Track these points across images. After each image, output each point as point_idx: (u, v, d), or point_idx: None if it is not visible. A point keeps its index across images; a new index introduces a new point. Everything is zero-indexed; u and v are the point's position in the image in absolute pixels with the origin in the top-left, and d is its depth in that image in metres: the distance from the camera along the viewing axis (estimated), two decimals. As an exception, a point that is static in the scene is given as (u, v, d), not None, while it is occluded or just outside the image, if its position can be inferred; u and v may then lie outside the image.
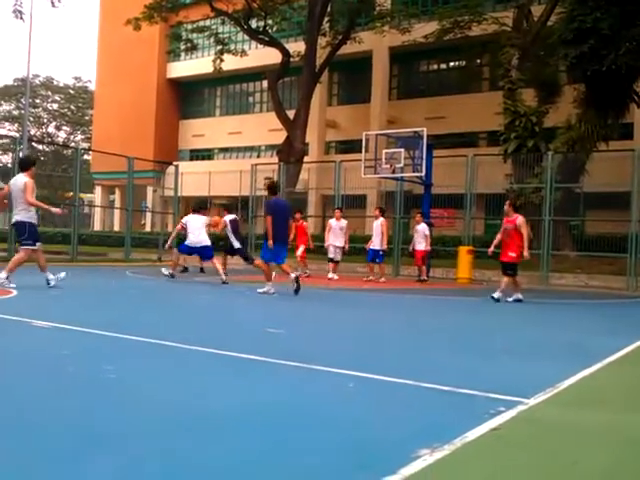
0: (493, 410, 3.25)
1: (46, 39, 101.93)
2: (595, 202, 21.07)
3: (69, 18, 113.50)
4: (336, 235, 16.53)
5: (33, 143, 56.47)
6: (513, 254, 10.88)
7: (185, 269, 15.22)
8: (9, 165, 46.99)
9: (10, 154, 37.51)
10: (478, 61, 34.25)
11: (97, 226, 46.48)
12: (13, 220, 9.71)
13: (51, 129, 69.33)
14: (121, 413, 3.00)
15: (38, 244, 9.72)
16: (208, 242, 13.50)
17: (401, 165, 17.90)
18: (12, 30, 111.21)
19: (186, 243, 13.50)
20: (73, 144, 64.82)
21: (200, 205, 14.32)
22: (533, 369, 4.65)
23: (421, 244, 16.42)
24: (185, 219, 14.02)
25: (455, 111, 32.17)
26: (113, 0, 43.88)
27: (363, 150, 18.98)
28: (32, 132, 60.70)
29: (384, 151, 18.51)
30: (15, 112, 65.12)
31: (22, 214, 9.49)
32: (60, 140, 68.25)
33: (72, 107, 68.43)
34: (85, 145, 60.57)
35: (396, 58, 35.69)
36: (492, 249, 11.29)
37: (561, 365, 4.81)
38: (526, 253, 10.80)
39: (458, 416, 3.20)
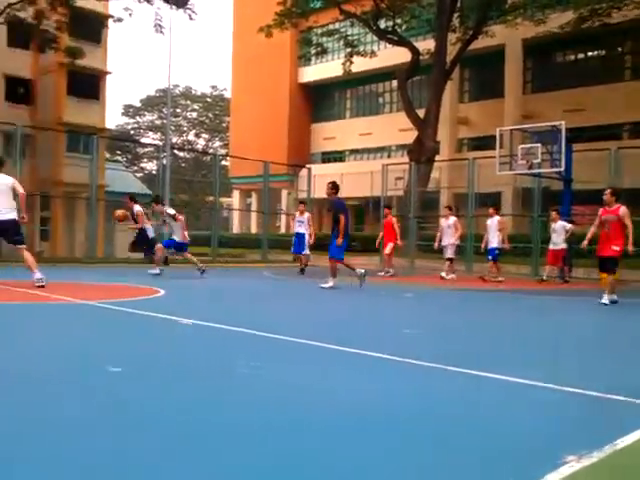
0: (645, 417, 3.10)
1: (184, 51, 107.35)
2: None
3: (205, 29, 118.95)
4: (446, 234, 16.20)
5: (175, 150, 59.56)
6: (617, 247, 9.84)
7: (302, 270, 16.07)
8: (154, 172, 49.91)
9: (155, 161, 39.72)
10: (619, 49, 32.37)
11: (235, 228, 48.35)
12: (5, 218, 9.32)
13: (191, 137, 72.98)
14: (297, 412, 3.11)
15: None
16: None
17: (538, 160, 17.29)
18: (153, 44, 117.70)
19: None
20: (212, 150, 67.95)
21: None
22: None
23: (558, 244, 15.65)
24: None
25: (595, 103, 30.58)
26: (246, 10, 45.47)
27: (497, 146, 18.51)
28: (174, 140, 64.10)
29: (520, 147, 17.96)
30: (158, 122, 69.04)
31: (14, 213, 9.46)
32: (200, 147, 71.69)
33: (210, 115, 71.65)
34: (223, 151, 63.30)
35: (530, 50, 34.47)
36: (586, 243, 10.36)
37: None
38: (631, 247, 9.77)
39: (606, 422, 3.08)
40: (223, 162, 54.35)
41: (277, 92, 45.56)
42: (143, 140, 70.51)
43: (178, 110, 68.67)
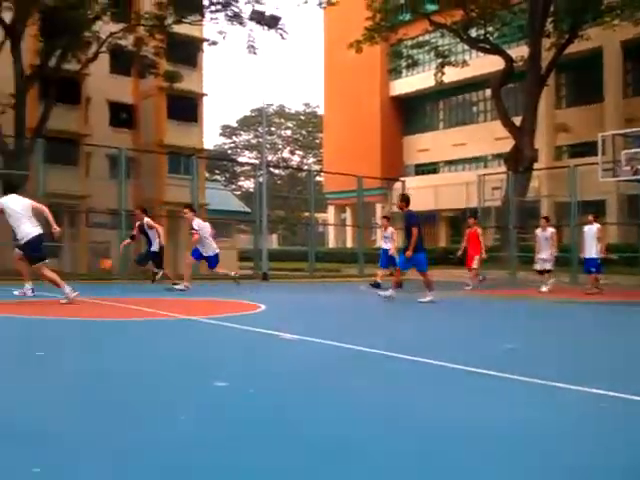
0: None
1: (278, 70, 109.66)
2: None
3: (298, 48, 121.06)
4: (543, 246, 15.52)
5: (270, 168, 60.80)
6: None
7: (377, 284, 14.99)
8: (251, 190, 51.12)
9: (251, 179, 40.67)
10: None
11: (331, 243, 48.73)
12: (36, 234, 9.46)
13: (286, 154, 74.39)
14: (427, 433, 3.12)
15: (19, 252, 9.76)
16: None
17: (644, 166, 16.56)
18: (247, 64, 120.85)
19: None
20: (306, 167, 68.97)
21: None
22: None
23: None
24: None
25: None
26: (336, 26, 45.99)
27: (600, 152, 17.86)
28: (269, 158, 65.47)
29: (623, 152, 17.25)
30: (253, 140, 70.77)
31: (38, 229, 9.56)
32: (294, 164, 72.90)
33: (303, 132, 72.84)
34: (317, 167, 64.08)
35: (630, 52, 33.10)
36: None
37: None
38: None
39: None
40: (317, 178, 55.03)
41: (368, 106, 45.75)
42: (240, 159, 72.48)
43: (273, 128, 70.14)
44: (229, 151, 73.12)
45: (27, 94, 22.88)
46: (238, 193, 62.48)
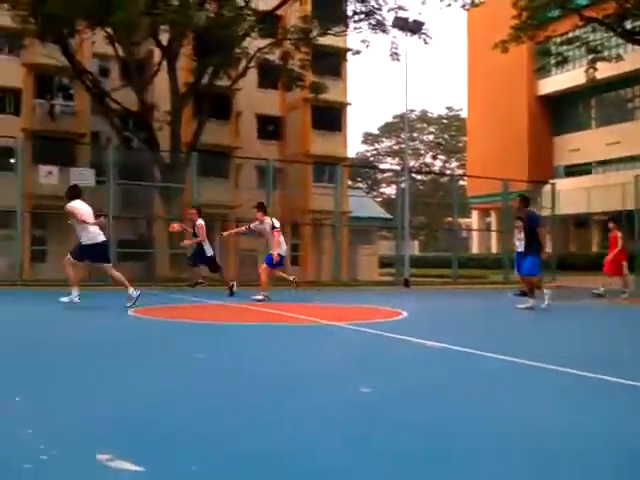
0: None
1: (419, 75, 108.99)
2: None
3: (439, 51, 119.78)
4: None
5: (412, 174, 60.54)
6: None
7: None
8: (392, 196, 51.16)
9: (393, 186, 40.71)
10: None
11: (475, 249, 47.69)
12: (103, 239, 10.15)
13: (428, 159, 73.79)
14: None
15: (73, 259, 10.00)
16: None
17: None
18: (388, 71, 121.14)
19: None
20: (448, 171, 68.03)
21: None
22: None
23: None
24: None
25: None
26: (480, 27, 45.05)
27: None
28: (411, 164, 65.26)
29: None
30: (395, 147, 70.80)
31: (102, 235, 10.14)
32: (436, 169, 72.15)
33: (446, 136, 71.96)
34: (460, 171, 63.06)
35: None
36: None
37: None
38: None
39: None
40: (460, 182, 54.10)
41: (514, 107, 44.39)
42: (382, 166, 72.76)
43: (415, 134, 69.86)
44: (371, 158, 73.63)
45: (182, 111, 24.38)
46: (379, 200, 62.74)
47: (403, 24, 23.24)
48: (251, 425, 3.08)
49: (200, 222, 13.29)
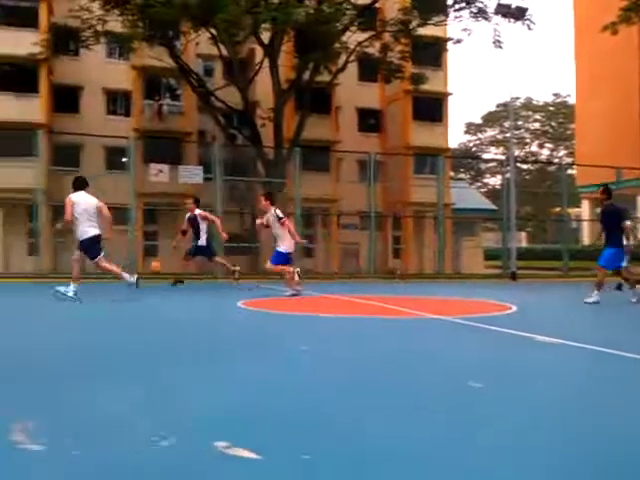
0: None
1: (523, 61, 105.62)
2: None
3: (543, 37, 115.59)
4: None
5: (518, 163, 58.79)
6: None
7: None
8: (497, 187, 49.91)
9: (498, 176, 39.72)
10: None
11: (586, 240, 45.76)
12: (95, 233, 9.75)
13: (534, 148, 71.39)
14: None
15: (78, 253, 9.83)
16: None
17: None
18: (491, 59, 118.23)
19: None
20: (556, 160, 65.59)
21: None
22: None
23: None
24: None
25: None
26: (587, 9, 43.11)
27: None
28: (516, 153, 63.35)
29: None
30: (499, 136, 68.92)
31: (95, 229, 9.77)
32: (543, 157, 69.71)
33: (553, 124, 69.36)
34: (569, 160, 60.67)
35: None
36: None
37: None
38: None
39: None
40: (569, 171, 52.00)
41: (626, 91, 42.14)
42: (485, 156, 71.01)
43: (519, 122, 67.73)
44: (474, 148, 72.01)
45: (284, 107, 24.74)
46: (484, 190, 61.31)
47: (506, 11, 22.61)
48: (354, 414, 3.07)
49: (200, 212, 13.39)
